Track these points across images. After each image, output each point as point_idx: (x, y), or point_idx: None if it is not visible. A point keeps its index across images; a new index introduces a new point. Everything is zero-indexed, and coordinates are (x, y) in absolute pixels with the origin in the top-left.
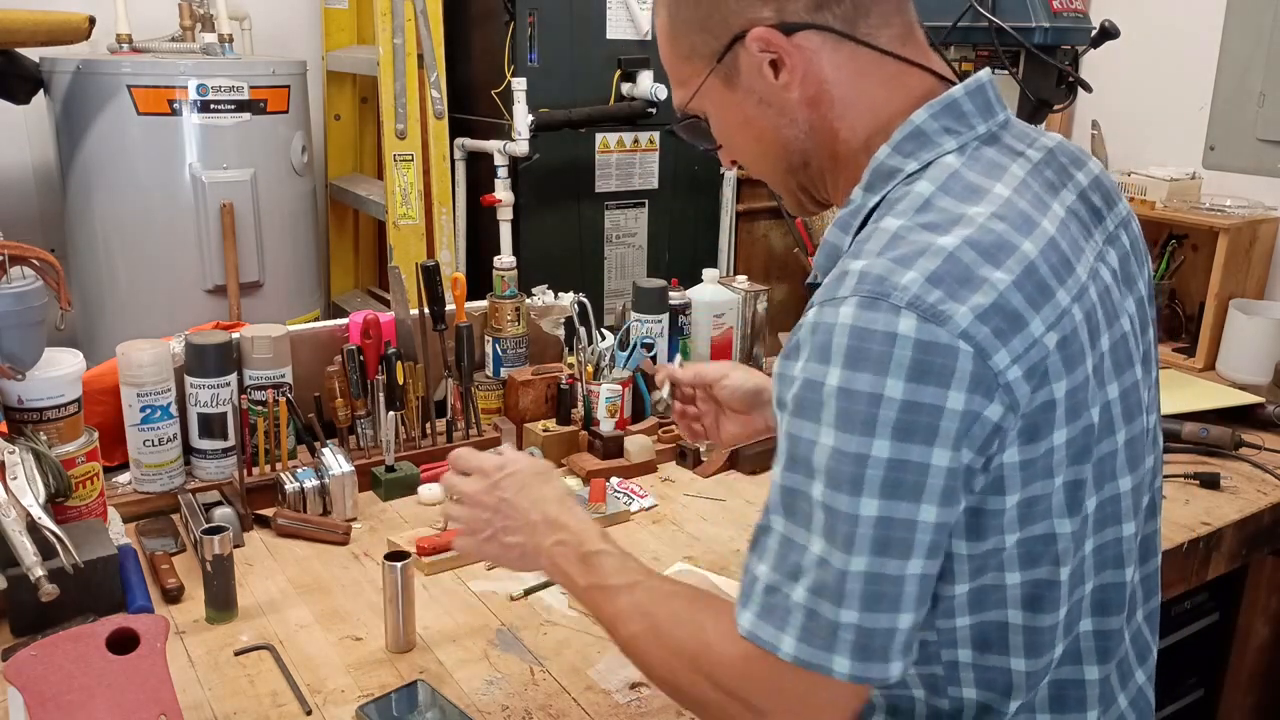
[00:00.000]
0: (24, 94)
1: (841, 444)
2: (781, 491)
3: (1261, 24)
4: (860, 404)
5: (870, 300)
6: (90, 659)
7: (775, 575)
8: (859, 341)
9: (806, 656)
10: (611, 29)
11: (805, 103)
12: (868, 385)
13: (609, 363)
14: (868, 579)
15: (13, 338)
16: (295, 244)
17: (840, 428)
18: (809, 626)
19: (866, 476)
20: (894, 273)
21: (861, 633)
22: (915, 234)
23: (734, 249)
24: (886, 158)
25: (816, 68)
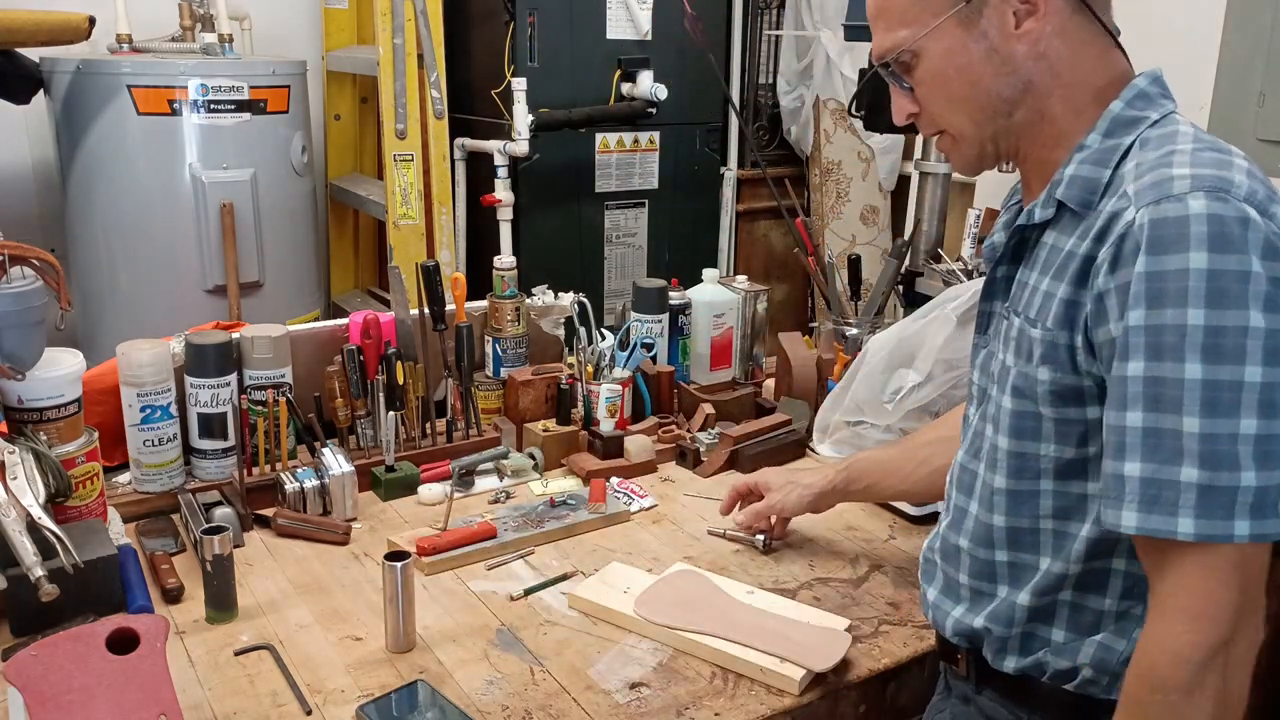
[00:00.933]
0: (24, 94)
1: (1217, 320)
2: (1144, 384)
3: (1261, 24)
4: (1231, 282)
5: (1218, 193)
6: (90, 659)
7: (1151, 465)
8: (1219, 228)
9: (1205, 530)
10: (611, 29)
11: (1032, 56)
12: (1235, 264)
13: (609, 363)
14: (1258, 440)
15: (13, 338)
16: (295, 244)
17: (1214, 305)
18: (1203, 501)
19: (1248, 347)
20: (1223, 176)
21: (1259, 493)
22: (1210, 153)
23: (734, 249)
24: (1122, 111)
25: (1054, 27)
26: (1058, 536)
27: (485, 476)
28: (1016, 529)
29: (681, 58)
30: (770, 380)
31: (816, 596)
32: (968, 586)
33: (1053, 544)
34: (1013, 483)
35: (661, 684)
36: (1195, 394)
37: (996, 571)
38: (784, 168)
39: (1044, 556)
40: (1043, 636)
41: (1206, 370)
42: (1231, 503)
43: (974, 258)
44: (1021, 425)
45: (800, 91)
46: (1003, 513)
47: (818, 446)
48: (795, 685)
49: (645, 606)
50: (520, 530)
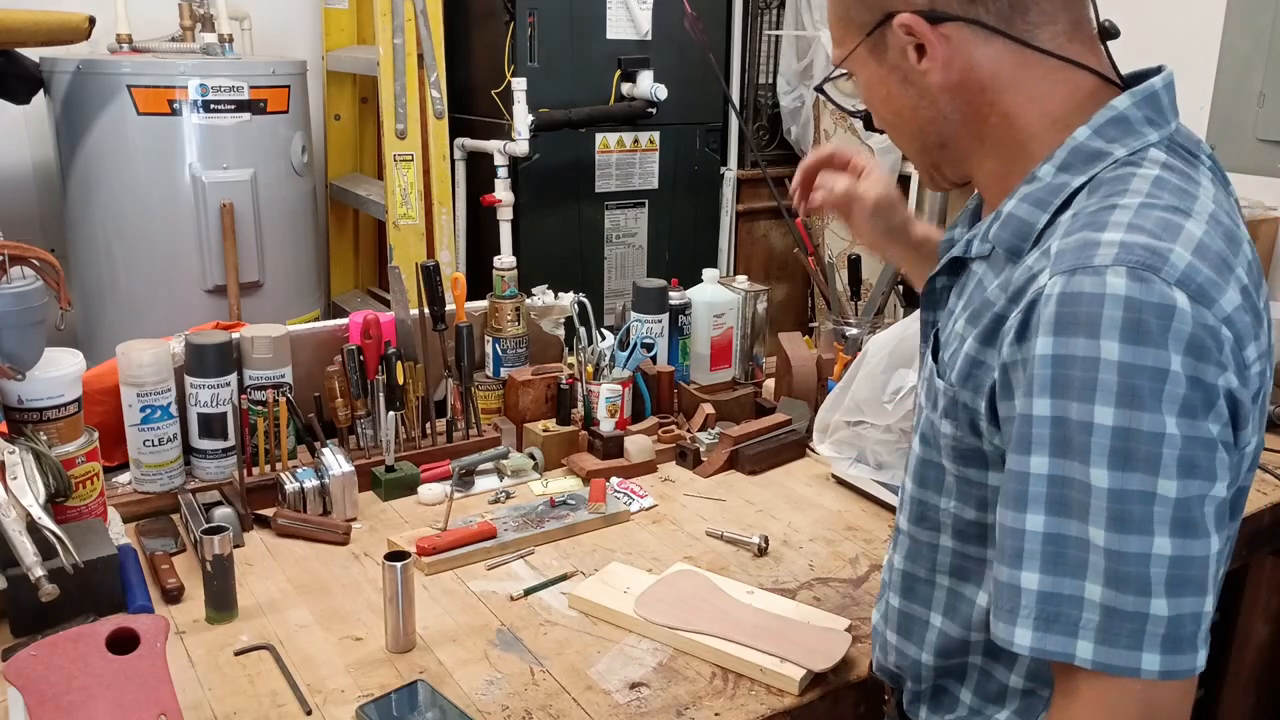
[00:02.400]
0: (24, 94)
1: (1130, 422)
2: (1048, 482)
3: (1261, 24)
4: (1145, 379)
5: (1140, 272)
6: (90, 659)
7: (1050, 578)
8: (1136, 314)
9: (1106, 659)
10: (611, 29)
11: (946, 89)
12: (1152, 360)
13: (609, 363)
14: (1173, 563)
15: (13, 338)
16: (295, 244)
17: (1125, 405)
18: (1106, 626)
19: (1163, 456)
20: (1161, 248)
21: (1173, 623)
22: (1162, 212)
23: (734, 249)
24: (1087, 140)
25: (962, 58)
26: (952, 596)
27: (485, 476)
28: (911, 577)
29: (681, 58)
30: (770, 380)
31: (816, 596)
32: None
33: (945, 603)
34: (913, 529)
35: (661, 684)
36: (1102, 503)
37: (899, 621)
38: (784, 168)
39: (935, 614)
40: (954, 694)
41: (1114, 478)
42: (1140, 631)
43: None
44: (925, 474)
45: (800, 91)
46: (903, 556)
47: (818, 446)
48: (795, 685)
49: (645, 606)
50: (520, 530)
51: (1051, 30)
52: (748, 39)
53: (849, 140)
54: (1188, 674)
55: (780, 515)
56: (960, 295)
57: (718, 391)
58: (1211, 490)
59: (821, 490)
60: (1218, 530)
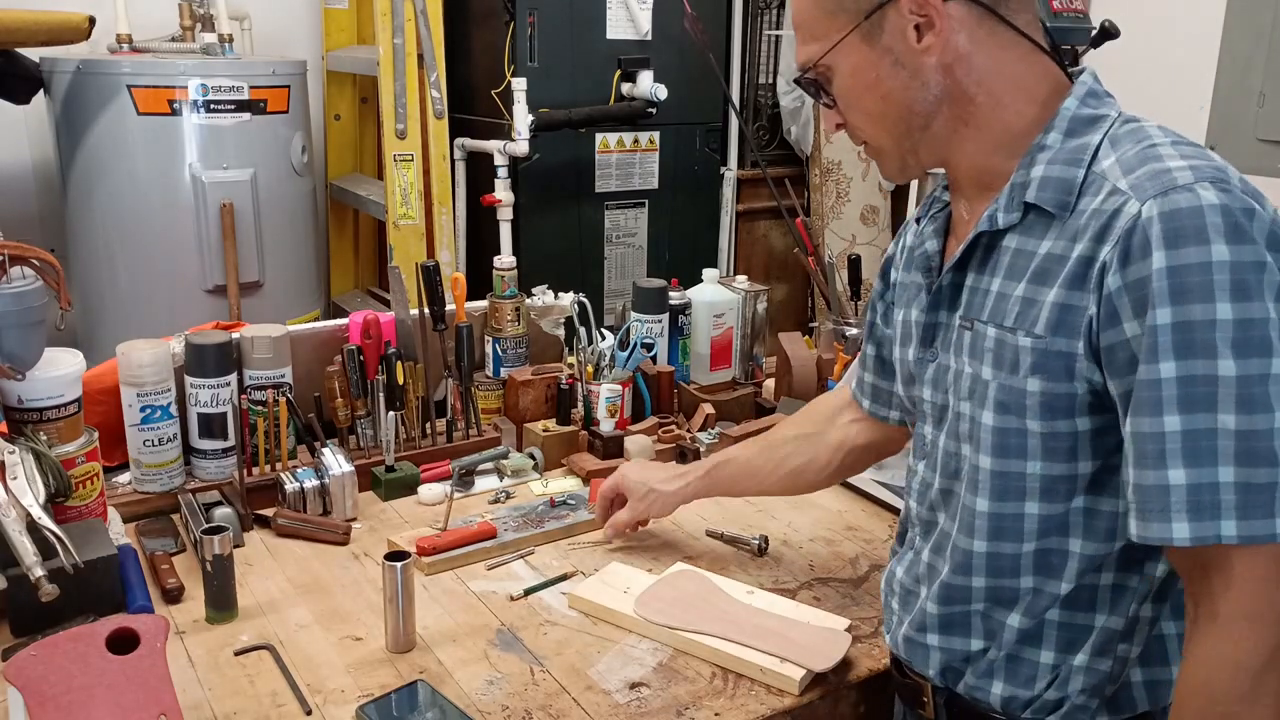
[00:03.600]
0: (24, 94)
1: (1244, 314)
2: (1177, 385)
3: (1261, 24)
4: (1251, 274)
5: (1222, 184)
6: (90, 659)
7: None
8: (1233, 219)
9: (1249, 532)
10: (611, 29)
11: (940, 68)
12: (1251, 255)
13: (609, 363)
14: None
15: (13, 338)
16: (295, 244)
17: (1239, 299)
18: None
19: (1272, 339)
20: (1219, 168)
21: None
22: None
23: (734, 249)
24: (1079, 109)
25: (959, 36)
26: (1041, 556)
27: (485, 476)
28: (997, 556)
29: (681, 58)
30: (770, 380)
31: (816, 596)
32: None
33: (1034, 565)
34: (994, 505)
35: (661, 684)
36: (1230, 391)
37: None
38: (784, 168)
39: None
40: (1030, 661)
41: (1239, 366)
42: (1272, 500)
43: None
44: (1005, 442)
45: (800, 91)
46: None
47: None
48: (795, 685)
49: (645, 606)
50: (520, 530)
51: (1026, 17)
52: (748, 39)
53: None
54: None
55: (780, 515)
56: (995, 274)
57: (718, 391)
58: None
59: (821, 490)
60: None
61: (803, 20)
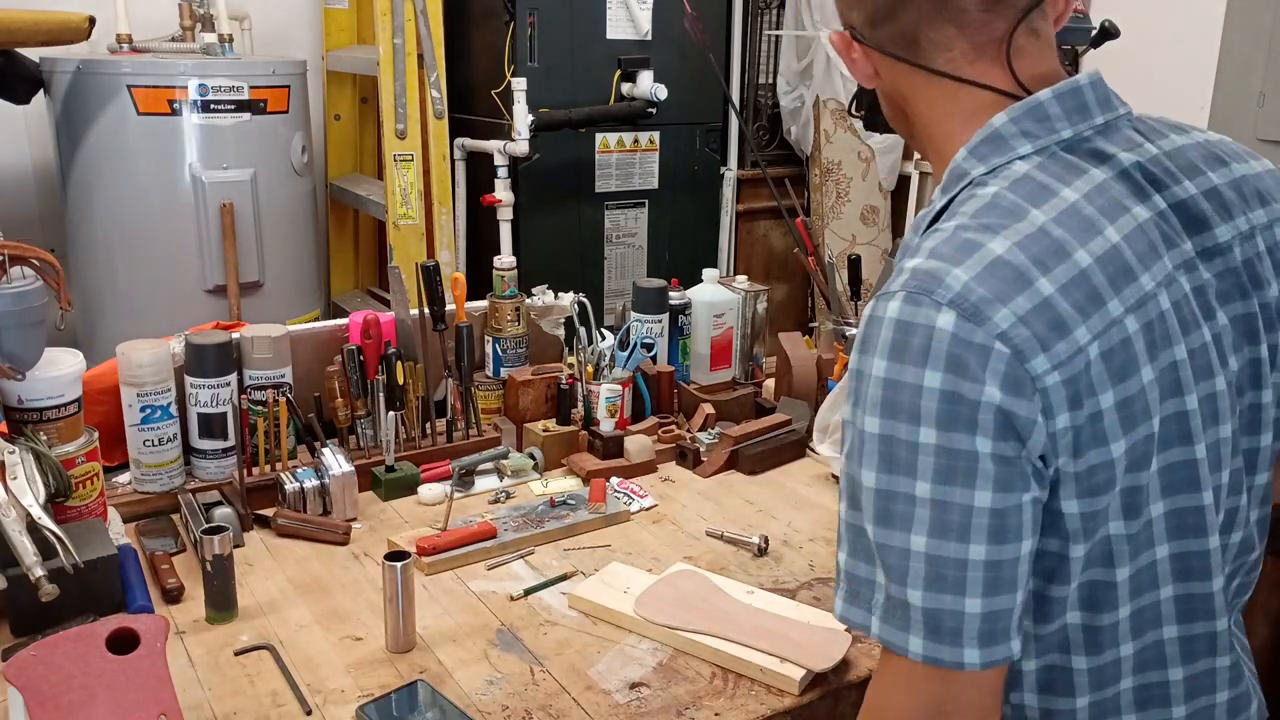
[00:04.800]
0: (24, 94)
1: (890, 431)
2: (845, 479)
3: (1261, 24)
4: (904, 394)
5: (915, 296)
6: (90, 659)
7: (849, 560)
8: (902, 335)
9: (886, 636)
10: (611, 29)
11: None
12: (911, 376)
13: (609, 363)
14: (928, 560)
15: (13, 338)
16: (295, 244)
17: (886, 415)
18: (886, 608)
19: (919, 462)
20: (942, 271)
21: (929, 615)
22: (970, 234)
23: (734, 249)
24: (962, 160)
25: (885, 73)
26: None
27: (485, 476)
28: None
29: (681, 58)
30: (770, 380)
31: (816, 596)
32: None
33: None
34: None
35: (661, 684)
36: (870, 500)
37: None
38: (784, 168)
39: None
40: None
41: (881, 480)
42: (906, 619)
43: None
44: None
45: (800, 91)
46: None
47: (818, 446)
48: (795, 685)
49: (645, 606)
50: (520, 530)
51: (947, 56)
52: (748, 39)
53: (849, 141)
54: (954, 666)
55: (780, 515)
56: None
57: (718, 391)
58: (973, 500)
59: (821, 490)
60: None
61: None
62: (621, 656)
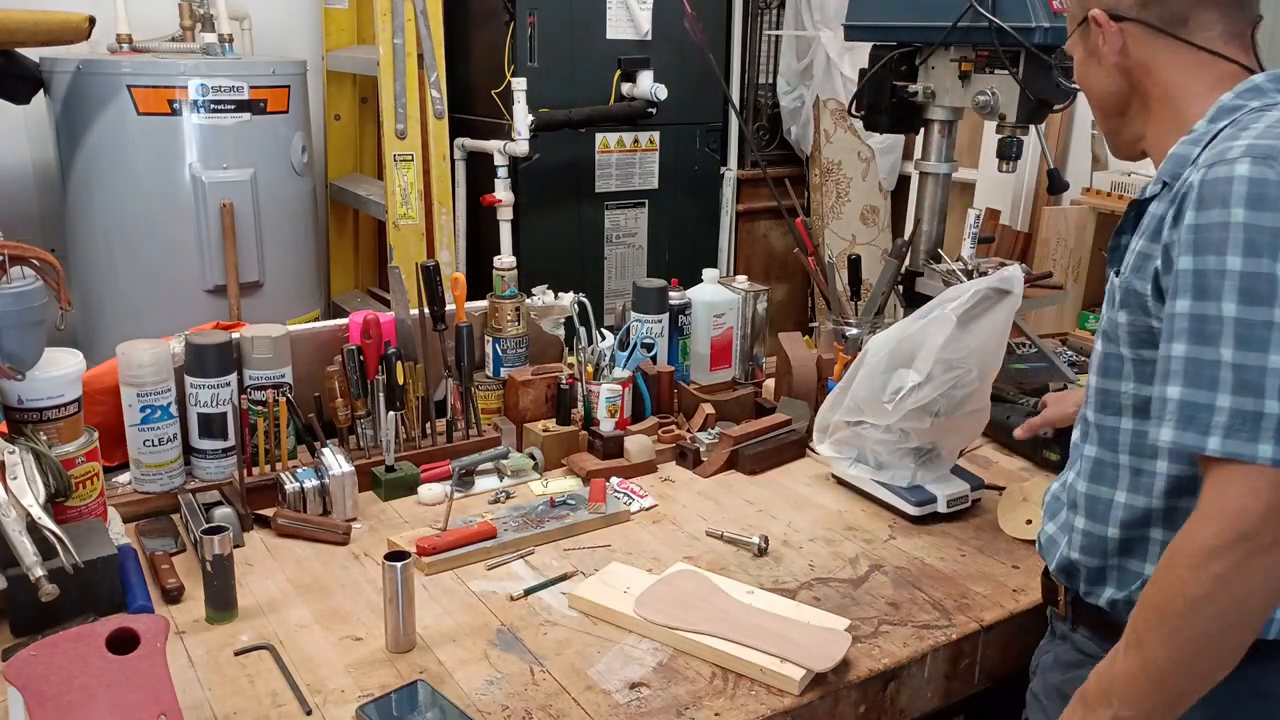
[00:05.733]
0: (24, 94)
1: (1253, 267)
2: (1189, 320)
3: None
4: (1265, 235)
5: (1263, 160)
6: (90, 659)
7: (1190, 390)
8: (1259, 189)
9: (1232, 449)
10: (611, 29)
11: (1119, 69)
12: (1269, 221)
13: (609, 363)
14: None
15: (13, 338)
16: (295, 244)
17: (1249, 254)
18: (1232, 424)
19: (1278, 293)
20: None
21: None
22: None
23: (734, 249)
24: (1231, 100)
25: (1133, 47)
26: (1134, 473)
27: (485, 476)
28: (1100, 461)
29: (681, 58)
30: (770, 380)
31: (816, 596)
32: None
33: (1129, 479)
34: (1099, 416)
35: (661, 684)
36: (1231, 330)
37: (1079, 503)
38: (784, 168)
39: (1120, 490)
40: (1134, 570)
41: (1241, 310)
42: (1256, 427)
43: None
44: (1107, 365)
45: (800, 91)
46: (1094, 444)
47: (818, 446)
48: (795, 685)
49: (645, 606)
50: (520, 530)
51: (1207, 35)
52: (748, 39)
53: (849, 141)
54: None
55: (780, 515)
56: (1137, 234)
57: (718, 391)
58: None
59: (821, 490)
60: None
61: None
62: (621, 656)
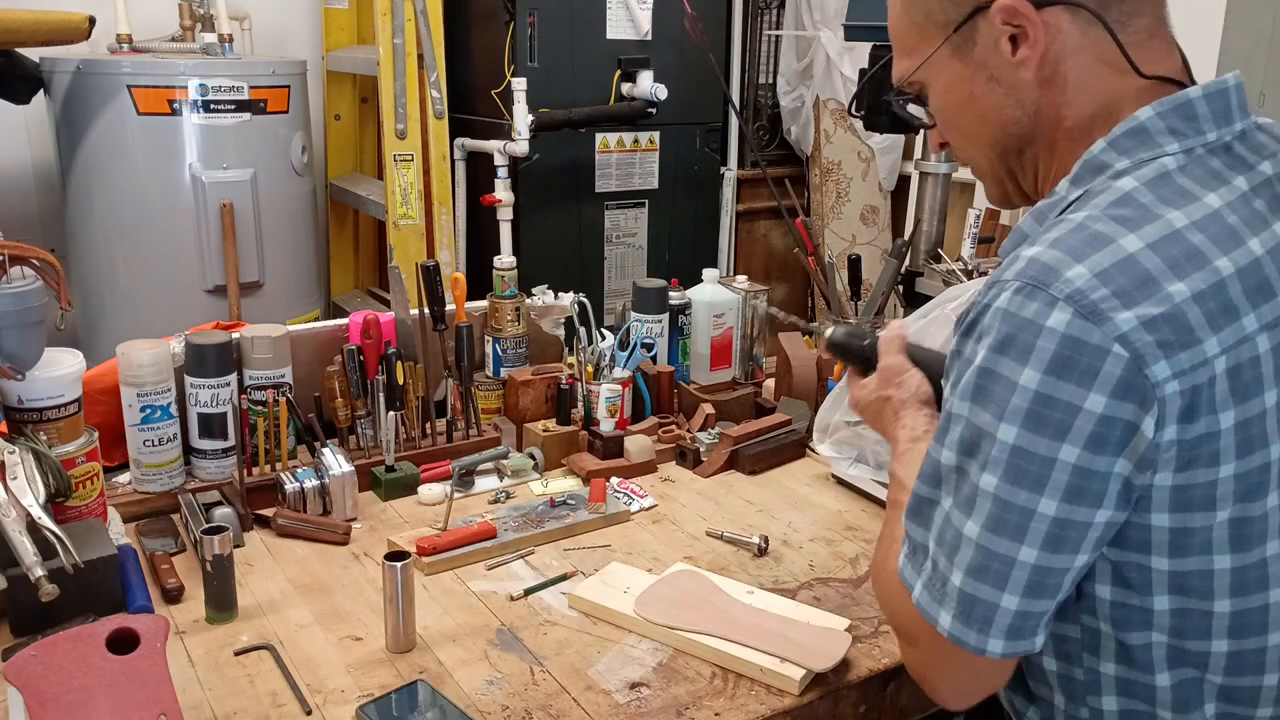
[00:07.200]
0: (24, 94)
1: (975, 418)
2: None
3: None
4: (998, 386)
5: (1030, 289)
6: (90, 659)
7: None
8: (1009, 328)
9: (922, 603)
10: (611, 29)
11: (1037, 83)
12: (1008, 371)
13: (609, 363)
14: (981, 552)
15: (13, 338)
16: (295, 244)
17: (976, 403)
18: (930, 576)
19: (992, 456)
20: (1063, 264)
21: (964, 597)
22: (1101, 225)
23: (734, 249)
24: (1100, 152)
25: (1057, 47)
26: None
27: (485, 476)
28: None
29: (681, 58)
30: (770, 380)
31: (816, 596)
32: None
33: None
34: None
35: (661, 684)
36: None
37: None
38: (784, 168)
39: None
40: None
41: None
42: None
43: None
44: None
45: (800, 91)
46: None
47: (818, 446)
48: (795, 685)
49: (645, 606)
50: (520, 530)
51: (1139, 23)
52: (748, 39)
53: (849, 141)
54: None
55: (780, 515)
56: None
57: (718, 391)
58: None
59: (821, 490)
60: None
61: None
62: (621, 656)
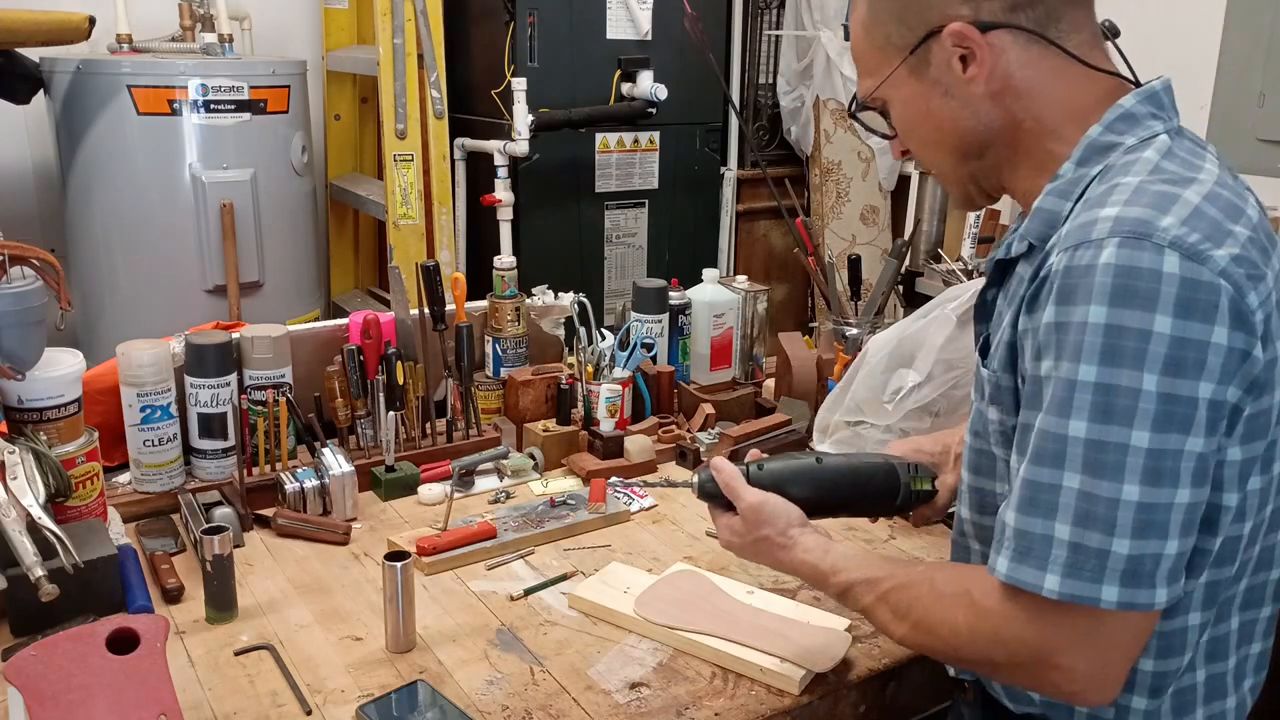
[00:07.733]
0: (24, 94)
1: (1109, 379)
2: (1036, 435)
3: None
4: (1128, 340)
5: (1135, 239)
6: (90, 659)
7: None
8: (1125, 279)
9: (1071, 591)
10: (611, 29)
11: (988, 96)
12: (1136, 322)
13: (609, 363)
14: (1139, 508)
15: (13, 338)
16: (295, 244)
17: (1106, 364)
18: (1073, 561)
19: (1140, 410)
20: (1153, 216)
21: (1132, 560)
22: (1157, 186)
23: (734, 249)
24: (1099, 135)
25: (1004, 64)
26: None
27: (485, 476)
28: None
29: (681, 58)
30: (770, 380)
31: (816, 596)
32: None
33: None
34: (976, 516)
35: (661, 684)
36: (1078, 452)
37: None
38: (784, 168)
39: None
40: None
41: (1093, 430)
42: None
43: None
44: (978, 463)
45: (800, 91)
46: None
47: (817, 446)
48: (795, 685)
49: (645, 606)
50: (520, 530)
51: (1078, 38)
52: (748, 39)
53: (849, 141)
54: (1145, 608)
55: None
56: (1005, 296)
57: (718, 391)
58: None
59: None
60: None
61: (858, 54)
62: (621, 656)
